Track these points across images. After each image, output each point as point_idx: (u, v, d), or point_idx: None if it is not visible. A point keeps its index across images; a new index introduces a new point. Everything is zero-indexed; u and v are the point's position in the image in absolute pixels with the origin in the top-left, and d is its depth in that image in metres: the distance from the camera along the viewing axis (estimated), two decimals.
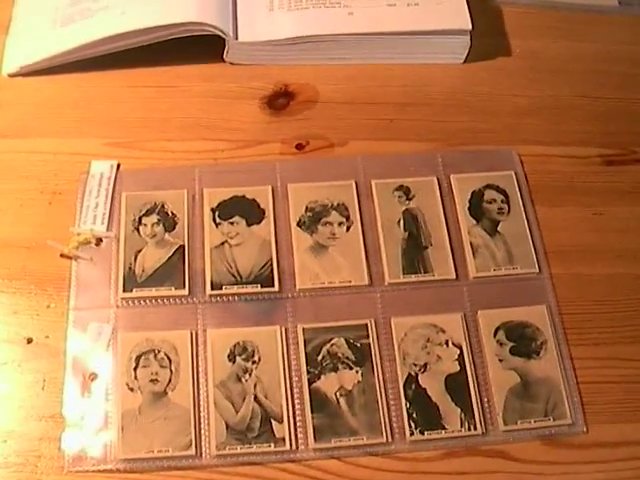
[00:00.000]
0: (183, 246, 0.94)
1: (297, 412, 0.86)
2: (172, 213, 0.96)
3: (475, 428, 0.85)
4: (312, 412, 0.85)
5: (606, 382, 0.89)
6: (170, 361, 0.87)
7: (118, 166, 0.99)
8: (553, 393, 0.87)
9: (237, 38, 1.06)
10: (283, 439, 0.84)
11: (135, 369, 0.87)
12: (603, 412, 0.87)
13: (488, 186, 0.99)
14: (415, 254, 0.95)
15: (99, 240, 0.94)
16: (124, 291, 0.91)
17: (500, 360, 0.89)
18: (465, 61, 1.11)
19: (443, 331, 0.90)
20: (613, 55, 1.14)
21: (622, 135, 1.06)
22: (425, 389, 0.87)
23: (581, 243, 0.97)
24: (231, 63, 1.08)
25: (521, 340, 0.90)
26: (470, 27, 1.07)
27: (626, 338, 0.91)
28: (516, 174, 1.01)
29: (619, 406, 0.88)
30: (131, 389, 0.86)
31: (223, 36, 1.05)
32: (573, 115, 1.07)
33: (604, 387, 0.89)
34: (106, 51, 1.05)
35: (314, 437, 0.84)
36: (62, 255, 0.93)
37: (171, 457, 0.83)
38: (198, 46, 1.06)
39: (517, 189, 0.99)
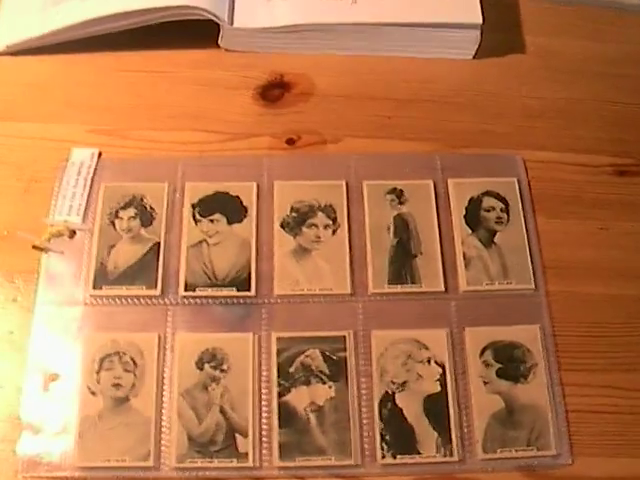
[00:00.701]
0: (159, 243, 0.90)
1: (263, 427, 0.81)
2: (150, 207, 0.92)
3: (452, 455, 0.80)
4: (279, 427, 0.81)
5: (597, 412, 0.83)
6: (135, 365, 0.83)
7: (100, 155, 0.95)
8: (539, 421, 0.82)
9: (232, 24, 1.01)
10: (246, 454, 0.80)
11: (98, 372, 0.83)
12: (591, 444, 0.82)
13: (487, 193, 0.94)
14: (403, 263, 0.89)
15: (73, 232, 0.91)
16: (94, 288, 0.87)
17: (485, 382, 0.83)
18: (474, 57, 1.05)
19: (426, 348, 0.85)
20: (634, 57, 1.07)
21: (638, 144, 0.99)
22: (401, 409, 0.82)
23: (582, 259, 0.91)
24: (226, 50, 1.04)
25: (509, 362, 0.84)
26: (481, 21, 1.01)
27: (623, 365, 0.85)
28: (519, 181, 0.95)
29: (609, 439, 0.82)
30: (92, 393, 0.82)
31: (217, 21, 1.00)
32: (586, 120, 1.01)
33: (595, 417, 0.83)
34: (96, 33, 1.01)
35: (279, 454, 0.80)
36: (34, 247, 0.89)
37: (128, 467, 0.79)
38: (192, 31, 1.01)
39: (519, 197, 0.94)
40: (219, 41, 1.03)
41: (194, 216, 0.91)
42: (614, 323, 0.87)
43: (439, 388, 0.83)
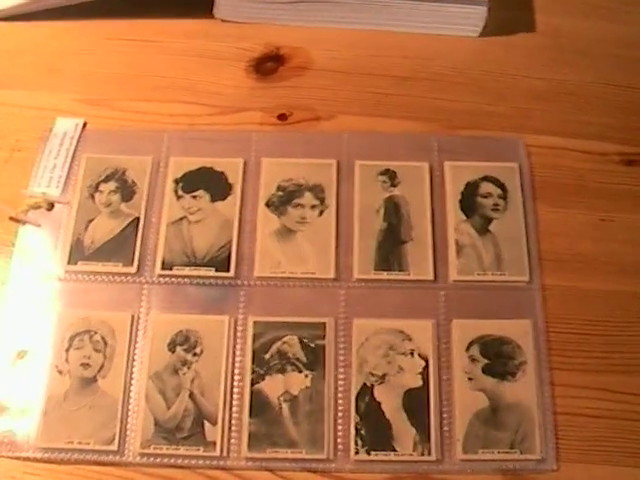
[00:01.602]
0: (138, 218, 0.87)
1: (234, 415, 0.78)
2: (132, 181, 0.89)
3: (429, 453, 0.76)
4: (250, 416, 0.78)
5: (588, 416, 0.78)
6: (105, 345, 0.81)
7: (84, 125, 0.92)
8: (524, 422, 0.77)
9: None
10: (214, 443, 0.77)
11: (67, 350, 0.80)
12: (579, 450, 0.77)
13: (486, 178, 0.89)
14: (391, 248, 0.85)
15: (51, 205, 0.88)
16: (69, 263, 0.85)
17: (469, 379, 0.79)
18: (480, 35, 1.00)
19: (410, 339, 0.81)
20: None
21: None
22: (379, 403, 0.78)
23: (581, 252, 0.86)
24: (221, 20, 1.00)
25: (497, 358, 0.80)
26: None
27: (618, 367, 0.81)
28: (520, 167, 0.90)
29: (599, 445, 0.77)
30: (60, 372, 0.80)
31: None
32: (594, 105, 0.96)
33: (584, 421, 0.78)
34: None
35: (248, 444, 0.77)
36: (11, 218, 0.87)
37: (91, 450, 0.77)
38: None
39: (518, 184, 0.89)
40: (213, 10, 1.00)
41: (176, 192, 0.88)
42: (611, 321, 0.83)
43: (420, 382, 0.79)
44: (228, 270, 0.84)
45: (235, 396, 0.79)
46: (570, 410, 0.78)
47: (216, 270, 0.84)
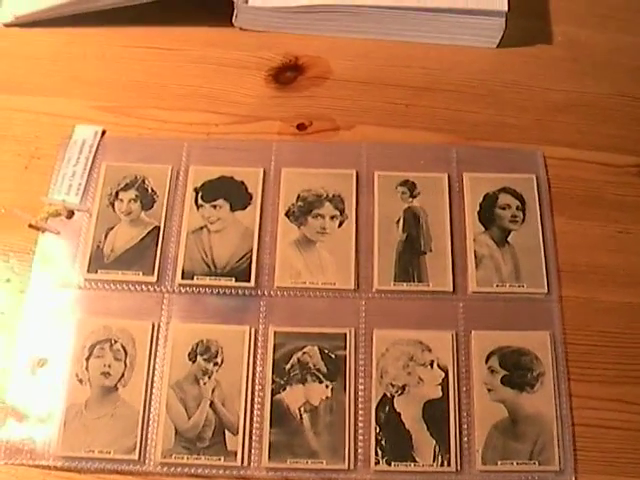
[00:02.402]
0: (158, 227, 0.87)
1: (254, 425, 0.79)
2: (152, 190, 0.89)
3: (449, 464, 0.77)
4: (270, 426, 0.78)
5: (606, 427, 0.79)
6: (126, 354, 0.81)
7: (103, 133, 0.93)
8: (543, 433, 0.78)
9: (247, 2, 0.98)
10: (235, 453, 0.77)
11: (87, 359, 0.81)
12: (597, 461, 0.77)
13: (504, 189, 0.89)
14: (411, 259, 0.85)
15: (71, 213, 0.88)
16: (88, 272, 0.85)
17: (489, 390, 0.80)
18: (498, 45, 1.00)
19: (429, 350, 0.81)
20: None
21: None
22: (400, 414, 0.79)
23: (600, 264, 0.86)
24: (240, 29, 1.00)
25: (516, 369, 0.80)
26: (506, 8, 0.96)
27: (636, 379, 0.81)
28: (538, 178, 0.90)
29: (617, 456, 0.78)
30: (80, 380, 0.80)
31: None
32: (612, 116, 0.96)
33: (603, 432, 0.79)
34: (106, 6, 0.98)
35: (269, 455, 0.77)
36: (30, 226, 0.87)
37: (112, 460, 0.77)
38: (206, 8, 0.99)
39: (536, 195, 0.89)
40: (233, 20, 1.00)
41: (196, 201, 0.88)
42: (629, 333, 0.83)
43: (440, 393, 0.79)
44: (248, 280, 0.84)
45: (256, 406, 0.79)
46: (588, 422, 0.79)
47: (236, 280, 0.84)
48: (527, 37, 1.01)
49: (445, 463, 0.76)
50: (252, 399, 0.79)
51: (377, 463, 0.77)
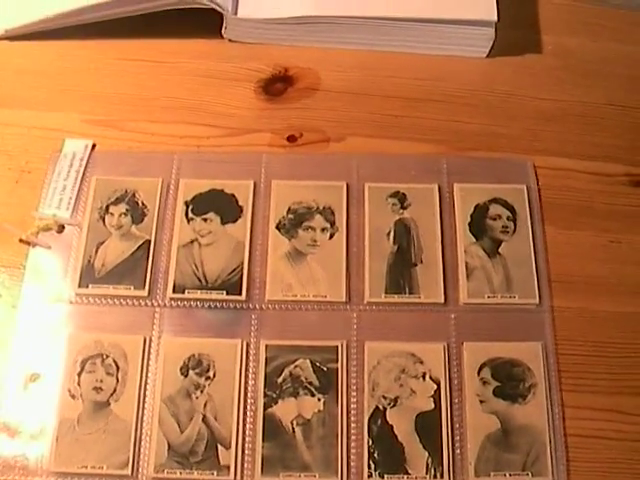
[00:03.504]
0: (149, 241, 0.87)
1: (247, 439, 0.78)
2: (142, 203, 0.89)
3: (442, 476, 0.77)
4: (263, 440, 0.78)
5: (599, 437, 0.79)
6: (118, 368, 0.80)
7: (93, 146, 0.92)
8: (536, 444, 0.78)
9: (236, 13, 0.98)
10: (228, 467, 0.77)
11: (79, 374, 0.80)
12: (591, 472, 0.77)
13: (495, 200, 0.89)
14: (402, 271, 0.85)
15: (61, 227, 0.88)
16: (79, 286, 0.85)
17: (481, 401, 0.80)
18: (488, 55, 1.00)
19: (421, 362, 0.81)
20: None
21: None
22: (392, 426, 0.79)
23: (591, 274, 0.86)
24: (229, 40, 1.00)
25: (508, 380, 0.80)
26: (496, 18, 0.96)
27: (629, 388, 0.81)
28: (528, 188, 0.90)
29: (610, 467, 0.78)
30: (72, 396, 0.80)
31: (220, 10, 0.96)
32: (603, 126, 0.96)
33: (596, 443, 0.79)
34: (95, 19, 0.98)
35: (261, 468, 0.77)
36: (21, 240, 0.87)
37: (105, 475, 0.77)
38: (195, 20, 0.98)
39: (527, 206, 0.89)
40: (222, 31, 1.00)
41: (187, 214, 0.88)
42: (621, 343, 0.83)
43: (432, 405, 0.79)
44: (240, 293, 0.84)
45: (248, 420, 0.79)
46: (581, 432, 0.79)
47: (227, 293, 0.84)
48: (517, 47, 1.01)
49: (438, 475, 0.76)
50: (244, 413, 0.79)
51: (370, 476, 0.76)
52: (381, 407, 0.79)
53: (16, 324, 0.83)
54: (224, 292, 0.84)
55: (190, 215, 0.88)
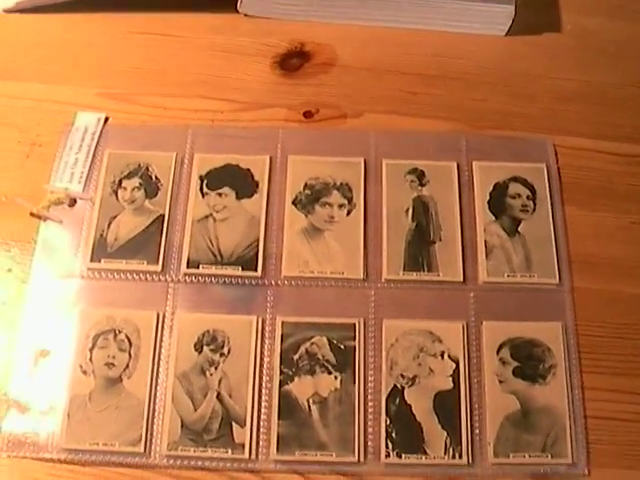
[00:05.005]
0: (163, 216, 0.85)
1: (262, 417, 0.77)
2: (156, 177, 0.87)
3: (460, 457, 0.75)
4: (279, 418, 0.77)
5: (619, 419, 0.78)
6: (130, 344, 0.79)
7: (106, 120, 0.91)
8: (555, 426, 0.77)
9: None
10: (242, 445, 0.75)
11: (91, 349, 0.79)
12: (610, 454, 0.76)
13: (514, 178, 0.88)
14: (420, 249, 0.84)
15: (73, 201, 0.86)
16: (91, 261, 0.83)
17: (500, 381, 0.78)
18: (507, 34, 0.99)
19: (440, 341, 0.80)
20: None
21: None
22: (410, 406, 0.77)
23: (612, 255, 0.85)
24: (245, 15, 0.99)
25: (527, 361, 0.79)
26: None
27: None
28: (548, 168, 0.89)
29: (630, 449, 0.77)
30: (84, 372, 0.78)
31: None
32: (623, 106, 0.95)
33: (616, 425, 0.77)
34: None
35: (277, 447, 0.76)
36: (32, 214, 0.85)
37: (117, 452, 0.76)
38: None
39: (547, 185, 0.88)
40: (238, 6, 0.98)
41: (201, 189, 0.87)
42: None
43: (451, 385, 0.78)
44: (255, 269, 0.83)
45: (264, 397, 0.77)
46: (601, 414, 0.78)
47: (243, 269, 0.83)
48: (536, 25, 1.00)
49: (457, 455, 0.75)
50: (260, 390, 0.78)
51: (387, 456, 0.75)
52: (399, 386, 0.78)
53: (27, 299, 0.82)
54: (239, 268, 0.83)
55: (205, 190, 0.86)
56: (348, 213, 0.86)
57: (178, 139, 0.90)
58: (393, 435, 0.76)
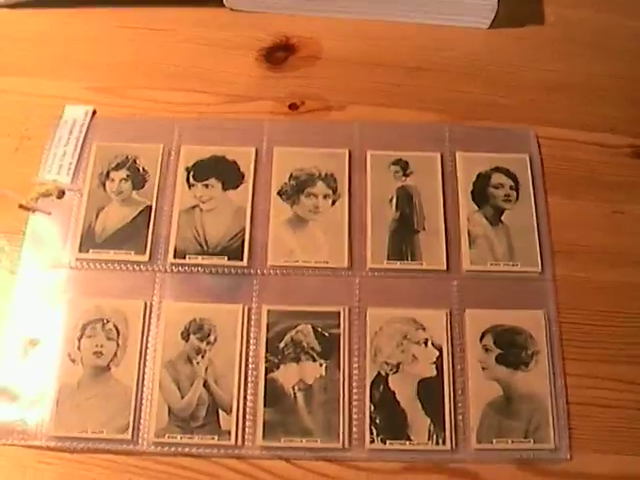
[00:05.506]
0: (150, 207, 0.86)
1: (248, 404, 0.78)
2: (143, 169, 0.88)
3: (444, 442, 0.76)
4: (264, 405, 0.78)
5: (600, 405, 0.79)
6: (118, 333, 0.80)
7: (94, 113, 0.92)
8: (537, 412, 0.78)
9: None
10: (229, 432, 0.76)
11: (80, 339, 0.80)
12: (592, 439, 0.78)
13: (497, 169, 0.89)
14: (404, 238, 0.85)
15: (62, 193, 0.87)
16: (80, 251, 0.84)
17: (483, 368, 0.79)
18: (490, 26, 1.00)
19: (423, 328, 0.81)
20: None
21: None
22: (394, 392, 0.78)
23: (594, 244, 0.86)
24: (230, 9, 1.00)
25: (510, 348, 0.80)
26: None
27: (631, 357, 0.81)
28: (530, 158, 0.90)
29: (611, 434, 0.78)
30: (72, 360, 0.79)
31: None
32: (606, 97, 0.96)
33: (597, 411, 0.79)
34: None
35: (263, 433, 0.77)
36: (20, 206, 0.86)
37: (105, 439, 0.77)
38: None
39: (529, 175, 0.89)
40: (224, 0, 0.99)
41: (188, 180, 0.88)
42: (624, 312, 0.83)
43: (435, 372, 0.79)
44: (241, 259, 0.83)
45: (249, 385, 0.78)
46: (583, 400, 0.79)
47: (229, 259, 0.84)
48: (519, 17, 1.00)
49: (440, 441, 0.76)
50: (245, 378, 0.79)
51: (372, 442, 0.76)
52: (383, 373, 0.79)
53: (16, 289, 0.82)
54: (225, 257, 0.84)
55: (191, 181, 0.87)
56: (333, 203, 0.87)
57: (165, 131, 0.90)
58: (377, 421, 0.77)
